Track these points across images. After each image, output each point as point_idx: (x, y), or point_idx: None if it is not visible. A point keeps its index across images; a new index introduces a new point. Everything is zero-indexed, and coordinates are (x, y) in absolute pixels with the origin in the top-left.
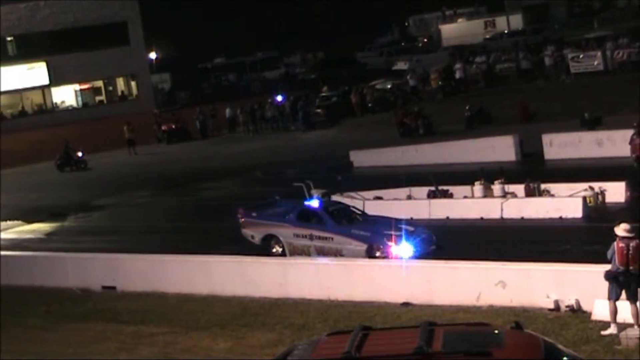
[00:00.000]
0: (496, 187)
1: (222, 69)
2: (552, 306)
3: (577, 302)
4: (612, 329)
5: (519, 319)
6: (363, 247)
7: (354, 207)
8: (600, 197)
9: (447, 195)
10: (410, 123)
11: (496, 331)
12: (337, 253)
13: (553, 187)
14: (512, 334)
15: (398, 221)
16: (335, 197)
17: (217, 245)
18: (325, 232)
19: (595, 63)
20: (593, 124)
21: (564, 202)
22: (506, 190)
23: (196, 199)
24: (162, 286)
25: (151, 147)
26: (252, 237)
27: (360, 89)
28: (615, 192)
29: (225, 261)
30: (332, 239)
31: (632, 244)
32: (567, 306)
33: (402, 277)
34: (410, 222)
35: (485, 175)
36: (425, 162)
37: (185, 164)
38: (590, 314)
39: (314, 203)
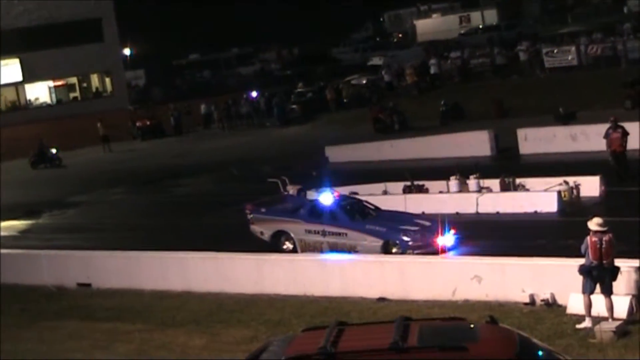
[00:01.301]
0: (471, 182)
1: (197, 65)
2: (527, 300)
3: (552, 296)
4: (587, 323)
5: (494, 314)
6: (379, 242)
7: (366, 201)
8: (574, 191)
9: (422, 190)
10: (386, 118)
11: (471, 326)
12: (351, 249)
13: (528, 182)
14: (487, 328)
15: (413, 216)
16: (311, 193)
17: (193, 242)
18: (338, 227)
19: (570, 58)
20: (567, 119)
21: (539, 197)
22: (481, 185)
23: (171, 195)
24: (138, 283)
25: (126, 144)
26: (262, 233)
27: (335, 85)
28: (590, 186)
29: (200, 258)
30: (346, 234)
31: (605, 238)
32: (542, 300)
33: (378, 273)
34: (425, 216)
35: (461, 170)
36: (401, 157)
37: (159, 160)
38: (565, 307)
39: (327, 198)
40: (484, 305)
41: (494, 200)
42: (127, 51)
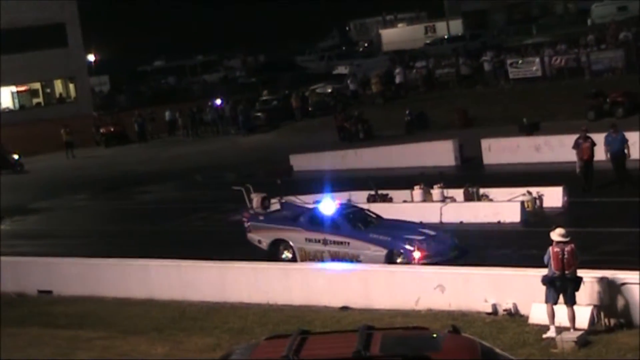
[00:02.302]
0: (435, 192)
1: (161, 71)
2: (490, 310)
3: (515, 306)
4: (552, 332)
5: (457, 323)
6: (382, 252)
7: (368, 210)
8: (538, 201)
9: (386, 199)
10: (350, 127)
11: (434, 335)
12: (353, 258)
13: (491, 192)
14: (450, 338)
15: (417, 225)
16: (275, 201)
17: (156, 249)
18: (340, 236)
19: (534, 69)
20: (531, 129)
21: (502, 207)
22: (445, 194)
23: (134, 202)
24: (100, 290)
25: (89, 150)
26: (259, 242)
27: (300, 93)
28: (553, 197)
29: (163, 265)
30: (349, 243)
31: (567, 248)
32: (504, 310)
33: (341, 281)
34: (430, 225)
35: (425, 179)
36: (365, 166)
37: (123, 167)
38: (527, 317)
39: (328, 206)
40: (447, 315)
41: (457, 210)
42: (91, 57)
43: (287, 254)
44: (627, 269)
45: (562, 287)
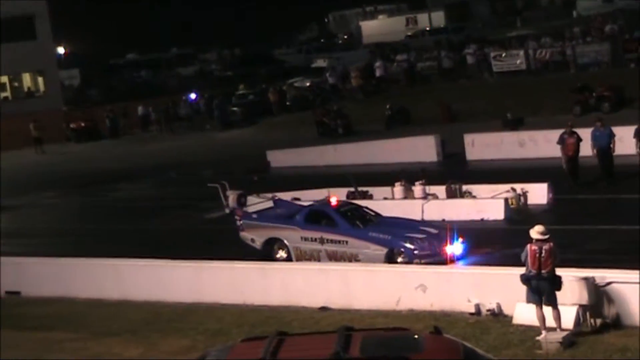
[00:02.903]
0: (417, 189)
1: (134, 65)
2: (473, 310)
3: (499, 306)
4: (544, 336)
5: (439, 324)
6: (382, 251)
7: (366, 207)
8: (522, 198)
9: (366, 196)
10: (330, 122)
11: (415, 336)
12: (352, 258)
13: (475, 189)
14: (431, 339)
15: (418, 222)
16: (251, 199)
17: (130, 248)
18: (338, 235)
19: (518, 62)
20: (515, 125)
21: (486, 204)
22: (427, 191)
23: (107, 200)
24: (71, 291)
25: (59, 146)
26: (253, 240)
27: (278, 87)
28: (538, 193)
29: (137, 265)
30: (347, 242)
31: (545, 247)
32: (488, 310)
33: (320, 281)
34: (431, 223)
35: (406, 176)
36: (345, 162)
37: (95, 163)
38: (511, 318)
39: (325, 203)
40: (429, 315)
41: (439, 207)
42: (61, 49)
43: (281, 254)
44: (614, 268)
45: (537, 286)
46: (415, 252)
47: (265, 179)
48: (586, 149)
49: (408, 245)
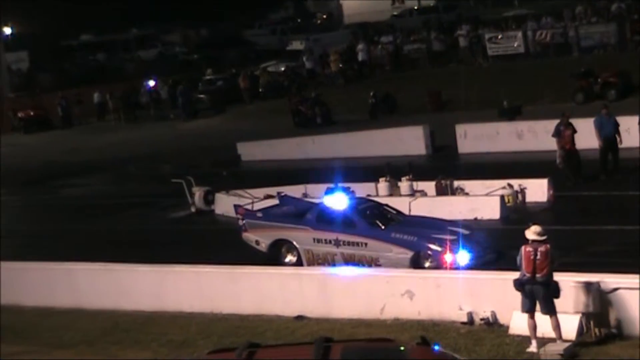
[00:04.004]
0: (403, 185)
1: (89, 47)
2: (465, 319)
3: (493, 315)
4: (533, 347)
5: (428, 334)
6: (407, 254)
7: (387, 205)
8: (520, 196)
9: (348, 193)
10: (307, 111)
11: (401, 348)
12: (371, 262)
13: (467, 185)
14: (419, 351)
15: (447, 222)
16: (220, 196)
17: (85, 251)
18: (356, 236)
19: (515, 45)
20: (512, 114)
21: (480, 202)
22: (415, 188)
23: (59, 197)
24: (19, 299)
25: (5, 137)
26: (257, 242)
27: (249, 72)
28: (537, 190)
29: (92, 269)
30: (366, 244)
31: (541, 248)
32: (481, 319)
33: (296, 287)
34: (460, 223)
35: (392, 170)
36: (324, 155)
37: (46, 157)
38: (507, 327)
39: (340, 200)
40: (417, 325)
41: (428, 205)
42: (7, 30)
43: (290, 257)
44: (620, 272)
45: (531, 292)
46: (445, 256)
47: (235, 173)
48: (581, 142)
49: (436, 247)
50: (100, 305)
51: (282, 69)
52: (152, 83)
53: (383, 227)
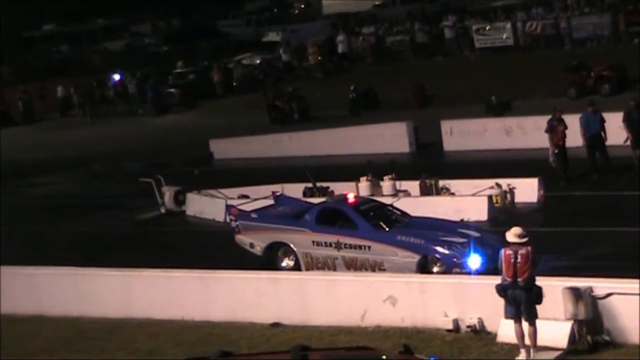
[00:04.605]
0: (386, 184)
1: (53, 38)
2: (450, 326)
3: (480, 322)
4: (522, 355)
5: (412, 342)
6: (414, 258)
7: (392, 205)
8: (508, 196)
9: (327, 193)
10: (284, 106)
11: (383, 357)
12: (375, 266)
13: (453, 185)
14: (401, 359)
15: (456, 224)
16: (192, 196)
17: (48, 254)
18: (359, 238)
19: (504, 36)
20: (501, 109)
21: (466, 202)
22: (398, 187)
23: (21, 197)
24: None
25: None
26: (252, 245)
27: (223, 65)
28: (527, 190)
29: (56, 274)
30: (369, 247)
31: (522, 251)
32: (468, 326)
33: (272, 292)
34: (469, 224)
35: (373, 169)
36: (301, 153)
37: (6, 154)
38: (495, 334)
39: (342, 200)
40: (399, 332)
41: (412, 205)
42: None
43: (287, 262)
44: (614, 277)
45: (514, 297)
46: (455, 259)
47: (208, 172)
48: (574, 139)
49: (445, 251)
50: (64, 312)
51: (258, 61)
52: (117, 77)
53: (387, 229)
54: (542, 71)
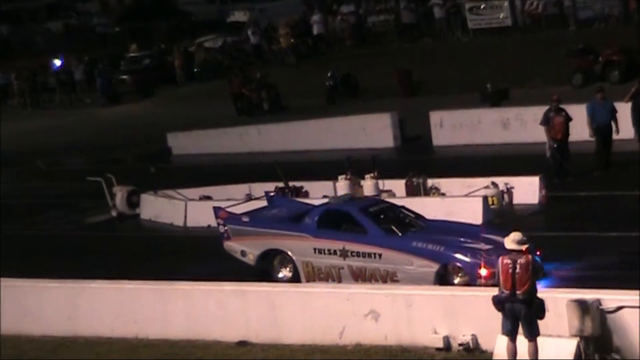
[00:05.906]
0: (367, 183)
1: None
2: (440, 344)
3: (474, 339)
4: None
5: None
6: (432, 268)
7: (404, 207)
8: (506, 196)
9: (300, 193)
10: (251, 95)
11: None
12: (387, 277)
13: (444, 184)
14: None
15: (478, 228)
16: (147, 197)
17: None
18: (368, 245)
19: (501, 16)
20: (497, 99)
21: (459, 204)
22: (381, 187)
23: None
24: None
25: None
26: (243, 253)
27: (183, 48)
28: (527, 190)
29: None
30: (380, 255)
31: (521, 260)
32: (460, 344)
33: (238, 307)
34: (493, 229)
35: (353, 166)
36: (271, 148)
37: None
38: (491, 353)
39: (348, 200)
40: (382, 351)
41: None
42: None
43: (285, 272)
44: (623, 288)
45: (512, 310)
46: (480, 270)
47: (165, 170)
48: (579, 132)
49: (468, 259)
50: (1, 329)
51: (221, 44)
52: (58, 62)
53: (401, 234)
54: (544, 56)
